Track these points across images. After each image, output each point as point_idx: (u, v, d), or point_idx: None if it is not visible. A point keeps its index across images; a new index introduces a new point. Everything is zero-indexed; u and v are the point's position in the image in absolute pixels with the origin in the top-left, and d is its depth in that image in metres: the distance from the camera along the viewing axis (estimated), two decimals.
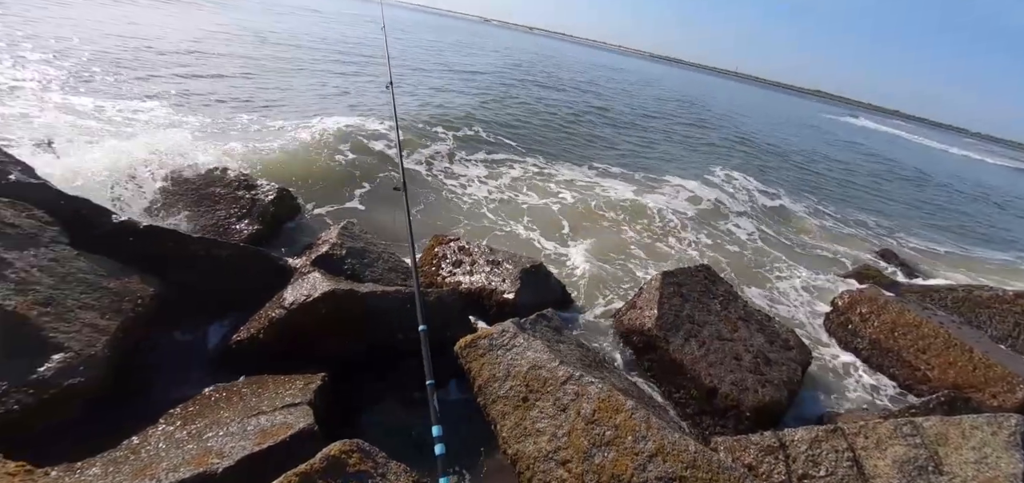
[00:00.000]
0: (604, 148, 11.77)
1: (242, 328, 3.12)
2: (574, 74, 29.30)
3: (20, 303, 2.36)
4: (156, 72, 9.41)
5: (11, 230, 2.58)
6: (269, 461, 2.18)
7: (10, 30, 9.82)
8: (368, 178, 6.28)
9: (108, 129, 6.07)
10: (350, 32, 25.66)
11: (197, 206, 3.94)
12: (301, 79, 12.10)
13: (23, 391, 2.22)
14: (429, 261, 4.33)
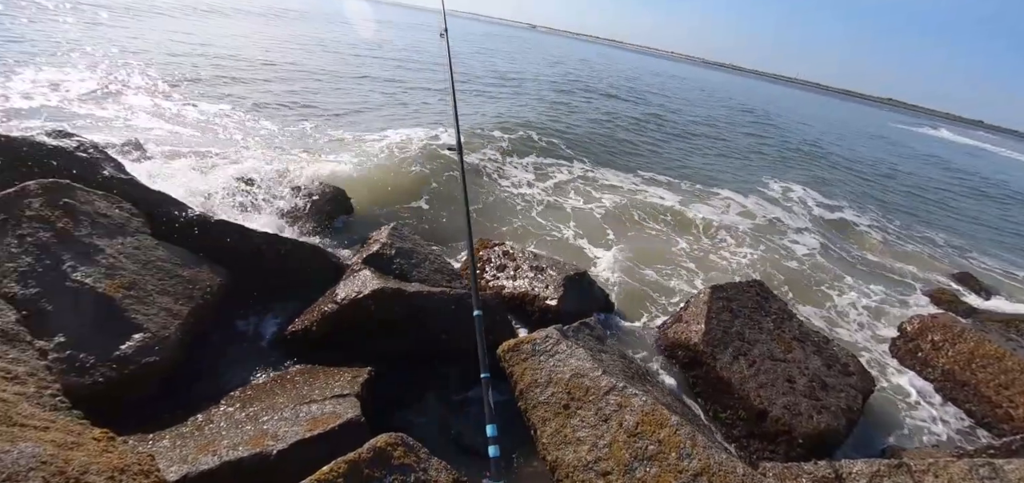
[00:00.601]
0: (654, 155, 11.54)
1: (297, 319, 3.29)
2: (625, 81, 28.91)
3: (109, 285, 2.61)
4: (233, 80, 10.15)
5: (104, 219, 2.86)
6: (319, 447, 2.29)
7: (106, 43, 10.89)
8: (423, 180, 6.47)
9: (187, 132, 6.64)
10: (410, 40, 26.53)
11: (260, 202, 4.21)
12: (365, 87, 12.63)
13: (107, 365, 2.44)
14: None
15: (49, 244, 2.57)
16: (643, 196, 8.22)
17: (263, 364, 3.09)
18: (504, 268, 4.32)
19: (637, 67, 47.29)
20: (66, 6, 14.57)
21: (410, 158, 6.90)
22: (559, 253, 5.32)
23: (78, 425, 1.88)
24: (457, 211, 5.59)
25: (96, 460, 1.68)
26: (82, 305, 2.51)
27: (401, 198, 5.86)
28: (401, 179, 6.36)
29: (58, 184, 2.79)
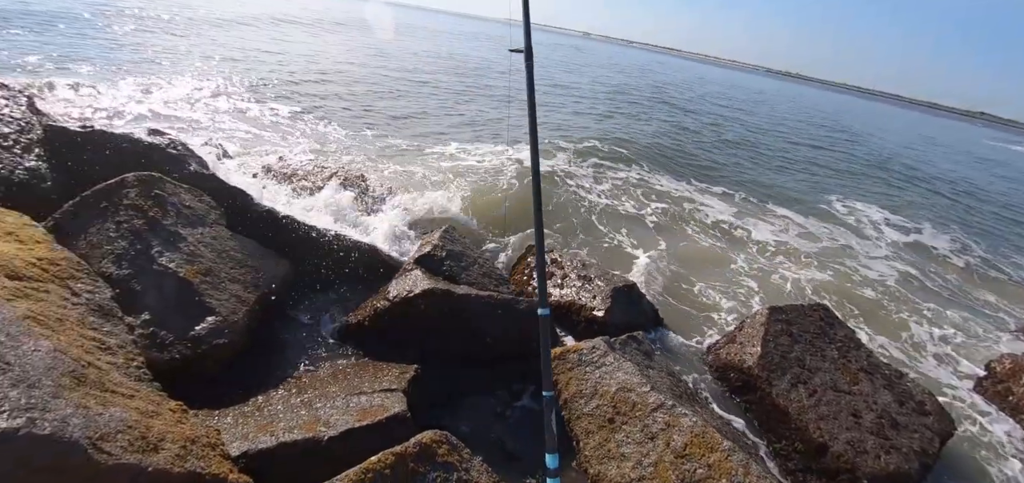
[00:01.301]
0: (711, 166, 11.13)
1: (352, 314, 3.44)
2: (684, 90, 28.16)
3: (188, 271, 2.85)
4: (307, 88, 10.88)
5: (187, 210, 3.13)
6: (366, 437, 2.38)
7: (194, 52, 11.98)
8: (486, 186, 6.60)
9: (263, 132, 7.17)
10: (470, 52, 27.20)
11: (322, 200, 4.45)
12: (427, 95, 13.09)
13: (183, 344, 2.66)
14: (521, 270, 4.41)
15: (141, 230, 2.84)
16: (698, 207, 7.94)
17: (318, 353, 3.25)
18: (552, 275, 4.31)
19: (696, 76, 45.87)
20: (161, 19, 16.15)
21: (476, 167, 7.06)
22: (610, 262, 5.24)
23: (157, 396, 2.06)
24: (518, 214, 5.62)
25: (171, 430, 1.83)
26: (165, 287, 2.75)
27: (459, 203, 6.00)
28: (463, 185, 6.51)
29: (151, 177, 3.09)
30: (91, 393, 1.60)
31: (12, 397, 1.24)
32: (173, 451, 1.72)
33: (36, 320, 1.83)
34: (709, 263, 6.08)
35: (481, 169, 7.27)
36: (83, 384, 1.62)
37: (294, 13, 27.22)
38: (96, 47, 10.72)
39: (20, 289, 1.99)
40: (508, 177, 6.95)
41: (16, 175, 3.07)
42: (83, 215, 2.82)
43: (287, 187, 4.52)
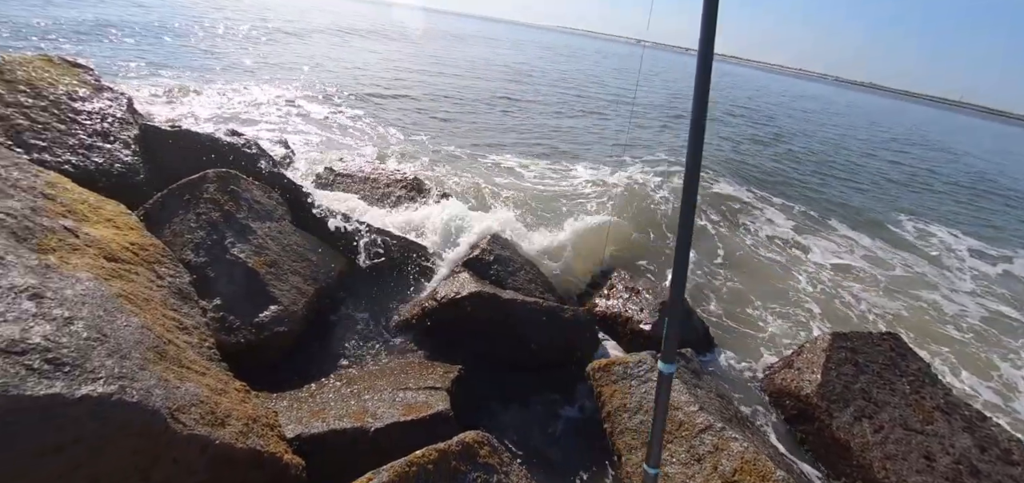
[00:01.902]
0: (773, 177, 10.62)
1: (401, 311, 3.56)
2: (747, 100, 27.00)
3: (256, 261, 3.06)
4: (370, 93, 11.48)
5: (258, 206, 3.37)
6: (410, 431, 2.45)
7: (274, 60, 12.91)
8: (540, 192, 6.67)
9: (328, 134, 7.61)
10: (545, 62, 27.50)
11: (381, 202, 4.64)
12: (488, 105, 13.37)
13: (248, 329, 2.85)
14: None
15: (217, 222, 3.09)
16: (756, 219, 7.59)
17: (368, 347, 3.38)
18: (597, 285, 4.26)
19: (758, 86, 43.85)
20: (242, 32, 17.51)
21: (526, 175, 7.13)
22: (662, 270, 5.12)
23: (225, 376, 2.23)
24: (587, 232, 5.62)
25: (237, 408, 1.98)
26: (235, 276, 2.97)
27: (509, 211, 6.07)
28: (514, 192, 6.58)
29: (228, 174, 3.35)
30: (170, 368, 1.76)
31: (108, 365, 1.39)
32: (237, 428, 1.85)
33: (127, 298, 2.04)
34: (766, 280, 5.79)
35: (529, 177, 7.32)
36: (164, 359, 1.78)
37: (359, 25, 28.69)
38: (186, 55, 11.84)
39: (115, 270, 2.22)
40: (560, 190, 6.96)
41: (115, 168, 3.43)
42: (169, 206, 3.11)
43: (348, 187, 4.75)
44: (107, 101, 3.84)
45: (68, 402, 1.23)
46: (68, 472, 1.28)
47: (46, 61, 3.90)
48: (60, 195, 2.41)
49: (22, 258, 1.60)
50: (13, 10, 13.51)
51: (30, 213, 2.04)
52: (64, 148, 3.33)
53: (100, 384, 1.32)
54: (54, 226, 2.11)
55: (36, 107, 3.46)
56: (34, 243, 1.88)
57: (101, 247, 2.27)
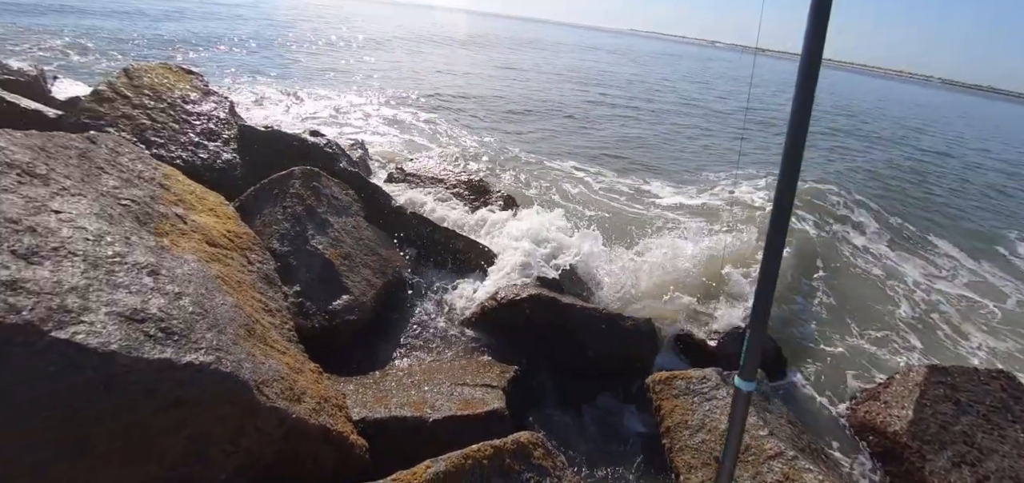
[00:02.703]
0: (877, 188, 9.75)
1: (462, 309, 3.66)
2: (843, 106, 24.97)
3: (332, 253, 3.29)
4: (444, 99, 11.99)
5: (336, 201, 3.62)
6: (466, 426, 2.52)
7: (361, 69, 13.85)
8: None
9: (403, 136, 8.06)
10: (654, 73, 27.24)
11: (447, 202, 4.82)
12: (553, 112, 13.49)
13: (322, 315, 3.07)
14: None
15: (300, 215, 3.35)
16: (850, 231, 6.97)
17: (429, 341, 3.51)
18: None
19: (854, 89, 40.28)
20: (328, 42, 18.90)
21: (595, 185, 7.06)
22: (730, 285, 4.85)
23: (302, 357, 2.41)
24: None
25: (311, 387, 2.14)
26: (314, 265, 3.21)
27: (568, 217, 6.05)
28: (579, 202, 6.55)
29: (311, 171, 3.63)
30: (257, 345, 1.94)
31: (208, 338, 1.57)
32: (311, 405, 2.00)
33: (223, 280, 2.27)
34: (855, 298, 5.29)
35: (599, 188, 7.24)
36: (252, 336, 1.97)
37: (434, 33, 29.90)
38: (278, 63, 13.00)
39: (214, 254, 2.49)
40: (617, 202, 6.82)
41: (217, 163, 3.83)
42: (260, 199, 3.42)
43: (417, 186, 4.97)
44: (213, 104, 4.30)
45: (176, 366, 1.40)
46: (173, 427, 1.46)
47: (165, 69, 4.44)
48: (173, 186, 2.73)
49: (143, 239, 1.84)
50: (141, 27, 15.58)
51: (150, 201, 2.34)
52: (177, 145, 3.77)
53: (201, 353, 1.49)
54: (168, 213, 2.39)
55: (156, 109, 3.95)
56: (152, 227, 2.15)
57: (204, 233, 2.55)
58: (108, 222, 1.75)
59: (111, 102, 3.80)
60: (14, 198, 1.51)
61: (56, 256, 1.39)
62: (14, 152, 1.71)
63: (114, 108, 3.77)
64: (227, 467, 1.64)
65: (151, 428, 1.38)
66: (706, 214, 6.72)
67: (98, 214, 1.74)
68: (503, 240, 4.29)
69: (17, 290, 1.22)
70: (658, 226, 6.01)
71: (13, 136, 1.81)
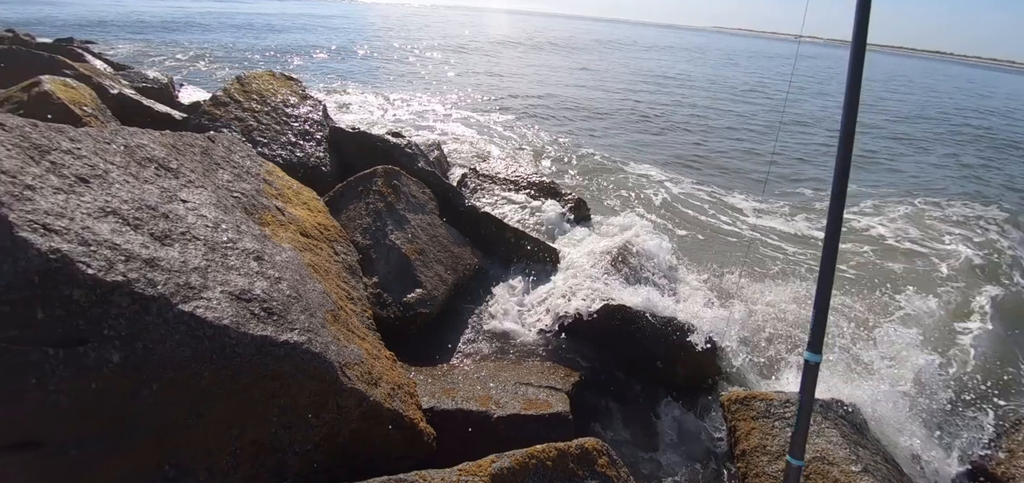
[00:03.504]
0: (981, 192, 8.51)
1: (529, 309, 3.69)
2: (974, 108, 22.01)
3: (408, 248, 3.46)
4: (518, 103, 12.22)
5: (414, 199, 3.82)
6: (529, 426, 2.54)
7: (428, 73, 14.51)
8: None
9: (477, 138, 8.33)
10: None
11: (515, 202, 4.89)
12: (628, 120, 13.25)
13: (397, 306, 3.23)
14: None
15: (381, 211, 3.57)
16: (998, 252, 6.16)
17: (496, 339, 3.57)
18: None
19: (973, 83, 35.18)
20: (408, 50, 19.92)
21: (676, 193, 6.86)
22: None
23: (379, 344, 2.56)
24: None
25: (387, 373, 2.27)
26: (391, 259, 3.39)
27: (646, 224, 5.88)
28: (657, 211, 6.37)
29: (392, 170, 3.85)
30: (341, 330, 2.10)
31: (301, 320, 1.72)
32: (386, 390, 2.12)
33: (314, 268, 2.48)
34: (965, 332, 4.64)
35: (677, 194, 6.98)
36: (337, 321, 2.13)
37: (513, 36, 30.40)
38: (367, 69, 13.95)
39: (307, 244, 2.72)
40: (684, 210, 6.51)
41: (311, 161, 4.18)
42: (346, 195, 3.68)
43: (490, 187, 5.10)
44: (309, 107, 4.70)
45: (274, 343, 1.56)
46: (267, 398, 1.62)
47: (271, 76, 4.92)
48: (274, 181, 3.02)
49: (251, 228, 2.06)
50: (249, 39, 17.42)
51: (255, 194, 2.61)
52: (278, 144, 4.16)
53: (296, 334, 1.64)
54: (269, 205, 2.66)
55: (262, 112, 4.39)
56: (257, 217, 2.40)
57: (298, 225, 2.80)
58: (223, 211, 1.98)
59: (226, 106, 4.28)
60: (152, 188, 1.76)
61: (183, 239, 1.61)
62: (153, 148, 1.99)
63: (228, 111, 4.24)
64: (312, 439, 1.79)
65: (252, 395, 1.55)
66: (797, 241, 6.15)
67: (215, 204, 1.98)
68: (572, 243, 4.27)
69: (154, 267, 1.42)
70: (738, 241, 5.67)
71: (153, 135, 2.11)
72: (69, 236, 1.29)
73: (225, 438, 1.56)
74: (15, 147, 1.39)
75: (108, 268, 1.32)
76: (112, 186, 1.56)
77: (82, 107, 3.96)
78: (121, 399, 1.39)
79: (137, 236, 1.47)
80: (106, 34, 18.66)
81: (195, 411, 1.50)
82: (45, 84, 3.99)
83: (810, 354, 1.64)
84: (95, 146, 1.66)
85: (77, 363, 1.32)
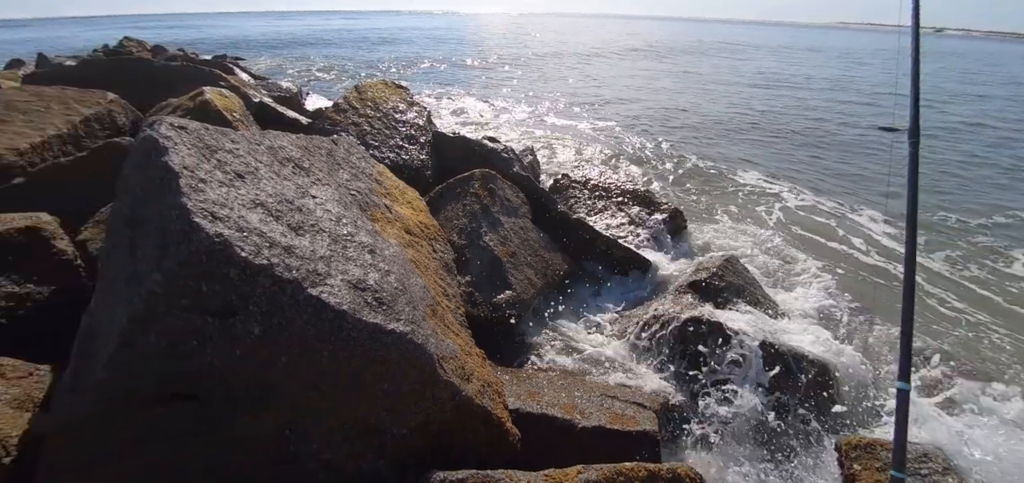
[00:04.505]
0: None
1: (617, 320, 3.61)
2: None
3: (501, 251, 3.56)
4: (614, 110, 12.08)
5: (508, 203, 3.92)
6: (614, 441, 2.47)
7: (524, 80, 14.83)
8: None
9: (571, 144, 8.35)
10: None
11: (608, 210, 4.81)
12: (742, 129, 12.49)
13: (487, 305, 3.34)
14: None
15: (477, 213, 3.72)
16: None
17: (582, 347, 3.53)
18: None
19: None
20: (514, 57, 20.53)
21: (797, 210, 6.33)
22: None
23: (470, 341, 2.67)
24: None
25: (477, 370, 2.35)
26: (484, 259, 3.52)
27: (742, 230, 5.48)
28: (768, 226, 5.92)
29: (488, 173, 3.99)
30: (438, 324, 2.23)
31: (406, 311, 1.86)
32: (477, 386, 2.20)
33: (415, 264, 2.66)
34: None
35: (792, 207, 6.40)
36: (435, 316, 2.26)
37: (615, 42, 29.98)
38: (467, 77, 14.66)
39: (410, 241, 2.92)
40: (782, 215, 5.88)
41: (415, 163, 4.48)
42: (445, 196, 3.89)
43: (581, 193, 5.07)
44: (415, 113, 5.04)
45: (383, 331, 1.70)
46: (375, 382, 1.77)
47: (384, 84, 5.36)
48: (384, 181, 3.28)
49: (365, 224, 2.26)
50: (365, 51, 19.17)
51: (368, 192, 2.86)
52: (387, 147, 4.52)
53: (401, 324, 1.77)
54: (379, 203, 2.89)
55: (375, 117, 4.79)
56: (369, 213, 2.63)
57: (403, 222, 3.01)
58: (343, 207, 2.20)
59: (345, 112, 4.75)
60: (289, 184, 2.01)
61: (313, 231, 1.82)
62: (290, 150, 2.27)
63: (346, 117, 4.70)
64: (409, 424, 1.91)
65: (363, 378, 1.70)
66: (929, 274, 5.21)
67: (337, 200, 2.21)
68: (666, 254, 4.09)
69: (290, 254, 1.63)
70: (859, 266, 5.02)
71: (290, 137, 2.41)
72: (229, 223, 1.53)
73: (338, 413, 1.73)
74: (193, 147, 1.68)
75: (256, 252, 1.54)
76: (260, 182, 1.82)
77: (232, 113, 4.63)
78: (259, 367, 1.61)
79: (278, 226, 1.69)
80: (251, 51, 21.83)
81: (315, 385, 1.68)
82: (206, 93, 4.73)
83: (901, 383, 1.69)
84: (249, 147, 1.94)
85: (228, 332, 1.55)
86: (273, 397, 1.65)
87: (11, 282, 2.33)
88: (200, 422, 1.64)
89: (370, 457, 1.86)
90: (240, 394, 1.62)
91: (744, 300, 3.53)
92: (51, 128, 4.12)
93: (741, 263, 3.83)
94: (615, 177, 5.40)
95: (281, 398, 1.67)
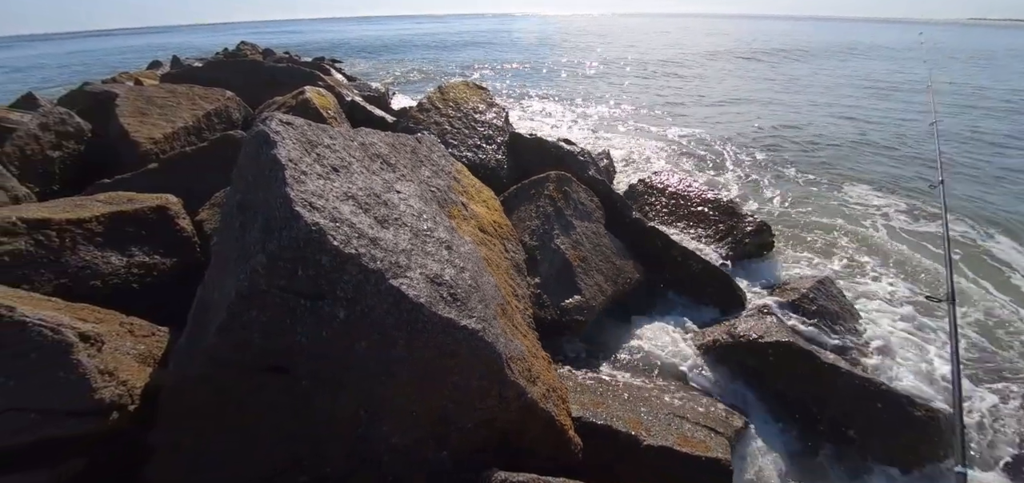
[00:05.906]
0: None
1: (690, 335, 3.43)
2: None
3: (572, 254, 3.53)
4: (697, 116, 11.55)
5: (581, 206, 3.88)
6: (682, 465, 2.36)
7: (605, 87, 14.60)
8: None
9: (650, 150, 8.09)
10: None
11: (687, 219, 4.59)
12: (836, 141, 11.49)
13: (555, 309, 3.31)
14: None
15: (549, 215, 3.71)
16: None
17: (651, 361, 3.40)
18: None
19: None
20: (598, 60, 20.33)
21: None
22: None
23: (537, 343, 2.67)
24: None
25: (543, 373, 2.35)
26: (554, 262, 3.50)
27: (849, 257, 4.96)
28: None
29: (563, 176, 3.97)
30: (508, 324, 2.25)
31: (479, 309, 1.90)
32: (542, 390, 2.20)
33: (488, 262, 2.71)
34: None
35: (901, 229, 5.73)
36: (505, 315, 2.29)
37: (694, 42, 28.62)
38: (546, 80, 14.71)
39: (483, 239, 2.98)
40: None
41: (491, 163, 4.56)
42: (519, 196, 3.92)
43: (658, 201, 4.89)
44: (494, 114, 5.13)
45: (456, 326, 1.76)
46: (444, 374, 1.83)
47: (465, 85, 5.52)
48: (462, 179, 3.38)
49: (443, 220, 2.34)
50: (448, 55, 19.93)
51: (447, 190, 2.96)
52: (465, 146, 4.65)
53: (473, 321, 1.82)
54: (457, 201, 2.99)
55: (455, 117, 4.95)
56: (447, 210, 2.72)
57: (478, 220, 3.08)
58: (424, 203, 2.30)
59: (428, 112, 4.95)
60: (377, 179, 2.14)
61: (396, 224, 1.92)
62: (379, 146, 2.41)
63: (429, 116, 4.90)
64: (474, 418, 1.95)
65: (434, 368, 1.77)
66: None
67: (419, 196, 2.31)
68: (748, 271, 3.82)
69: (376, 245, 1.73)
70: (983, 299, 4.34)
71: (379, 135, 2.56)
72: (324, 213, 1.65)
73: (409, 399, 1.81)
74: (297, 141, 1.84)
75: (346, 242, 1.65)
76: (353, 176, 1.95)
77: (328, 110, 5.02)
78: (341, 349, 1.73)
79: (366, 218, 1.81)
80: (347, 53, 23.64)
81: (389, 371, 1.78)
82: (306, 92, 5.17)
83: (958, 467, 1.76)
84: (344, 142, 2.08)
85: (317, 313, 1.68)
86: (351, 378, 1.76)
87: (143, 253, 2.70)
88: (288, 394, 1.79)
89: (433, 446, 1.93)
90: (323, 372, 1.75)
91: (837, 327, 3.20)
92: (180, 121, 4.72)
93: (837, 286, 3.49)
94: (696, 185, 5.11)
95: (358, 380, 1.78)
